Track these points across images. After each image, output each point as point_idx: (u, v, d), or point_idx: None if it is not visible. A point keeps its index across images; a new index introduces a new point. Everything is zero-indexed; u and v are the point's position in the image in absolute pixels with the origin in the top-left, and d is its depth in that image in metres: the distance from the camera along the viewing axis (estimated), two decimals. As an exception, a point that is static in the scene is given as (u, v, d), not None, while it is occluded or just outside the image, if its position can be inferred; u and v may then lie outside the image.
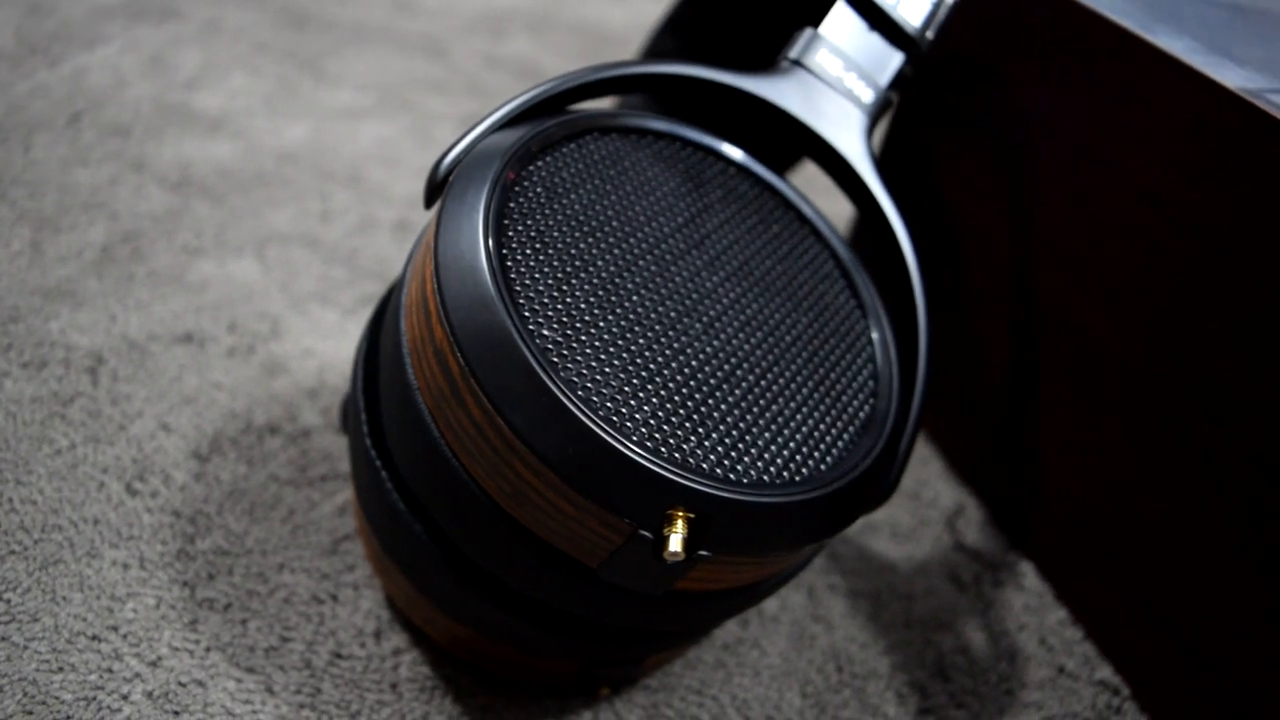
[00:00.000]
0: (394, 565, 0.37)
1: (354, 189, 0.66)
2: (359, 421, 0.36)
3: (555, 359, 0.30)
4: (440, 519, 0.33)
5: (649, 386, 0.31)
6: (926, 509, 0.53)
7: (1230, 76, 0.41)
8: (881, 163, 0.58)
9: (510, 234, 0.32)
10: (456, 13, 0.94)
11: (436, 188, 0.34)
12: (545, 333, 0.31)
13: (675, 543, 0.29)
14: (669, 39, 0.56)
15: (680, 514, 0.29)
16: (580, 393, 0.30)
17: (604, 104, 0.67)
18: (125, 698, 0.37)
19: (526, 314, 0.31)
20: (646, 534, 0.29)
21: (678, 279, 0.35)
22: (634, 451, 0.29)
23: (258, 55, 0.79)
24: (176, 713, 0.37)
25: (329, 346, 0.53)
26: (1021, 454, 0.50)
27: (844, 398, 0.36)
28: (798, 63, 0.41)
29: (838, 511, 0.33)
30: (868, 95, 0.42)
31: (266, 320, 0.54)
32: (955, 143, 0.53)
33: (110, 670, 0.37)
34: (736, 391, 0.33)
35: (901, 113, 0.57)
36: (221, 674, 0.38)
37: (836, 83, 0.41)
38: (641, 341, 0.32)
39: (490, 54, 0.87)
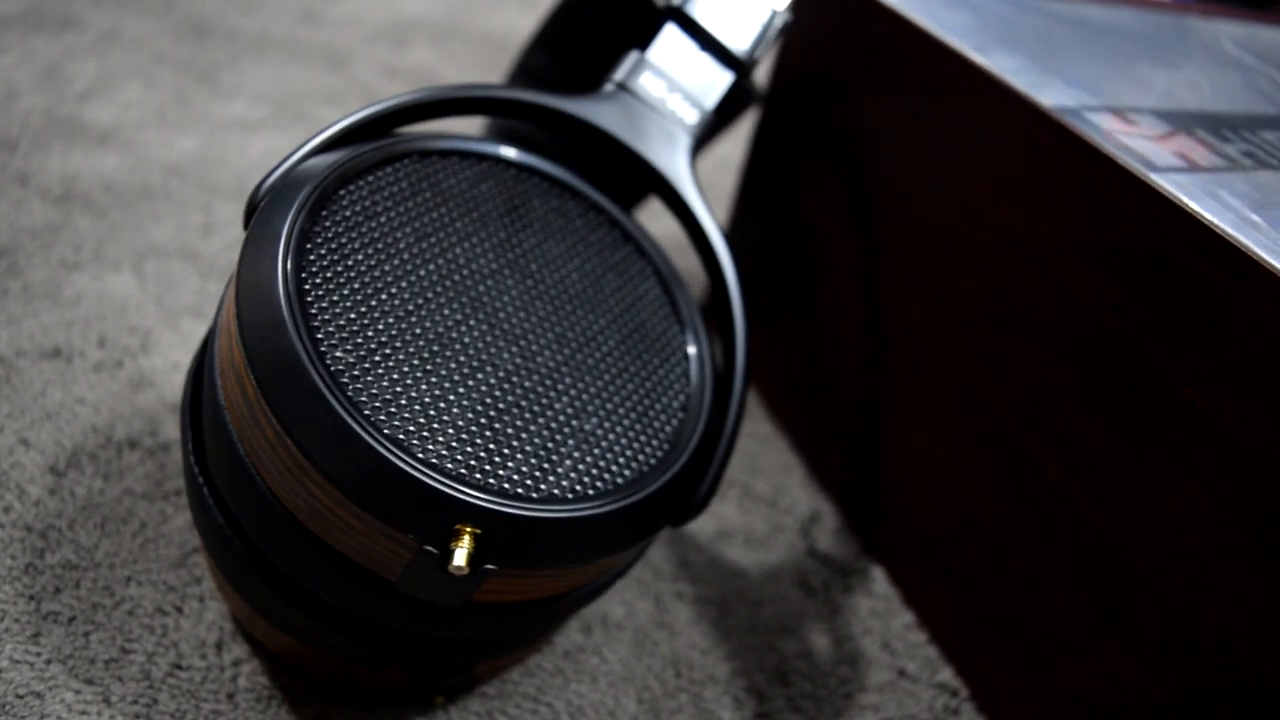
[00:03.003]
0: (224, 579, 0.38)
1: (238, 202, 0.66)
2: (185, 438, 0.37)
3: (345, 380, 0.31)
4: (252, 535, 0.34)
5: (443, 404, 0.32)
6: (782, 515, 0.54)
7: (1051, 95, 0.42)
8: (745, 176, 0.60)
9: (313, 257, 0.33)
10: (362, 22, 0.94)
11: (252, 211, 0.35)
12: (339, 354, 0.31)
13: (459, 557, 0.30)
14: (539, 55, 0.57)
15: (466, 529, 0.30)
16: (367, 412, 0.31)
17: (476, 124, 0.68)
18: (-40, 711, 0.37)
19: (320, 336, 0.31)
20: (432, 549, 0.30)
21: (486, 297, 0.36)
22: (416, 469, 0.30)
23: (155, 66, 0.79)
24: (11, 725, 0.37)
25: (199, 360, 0.54)
26: (874, 462, 0.51)
27: (651, 413, 0.37)
28: (621, 85, 0.42)
29: (632, 526, 0.34)
30: (691, 116, 0.43)
31: (137, 335, 0.55)
32: (812, 159, 0.54)
33: (-53, 684, 0.38)
34: (537, 407, 0.34)
35: (765, 127, 0.58)
36: (60, 685, 0.39)
37: (659, 104, 0.42)
38: (440, 360, 0.33)
39: (390, 64, 0.88)
